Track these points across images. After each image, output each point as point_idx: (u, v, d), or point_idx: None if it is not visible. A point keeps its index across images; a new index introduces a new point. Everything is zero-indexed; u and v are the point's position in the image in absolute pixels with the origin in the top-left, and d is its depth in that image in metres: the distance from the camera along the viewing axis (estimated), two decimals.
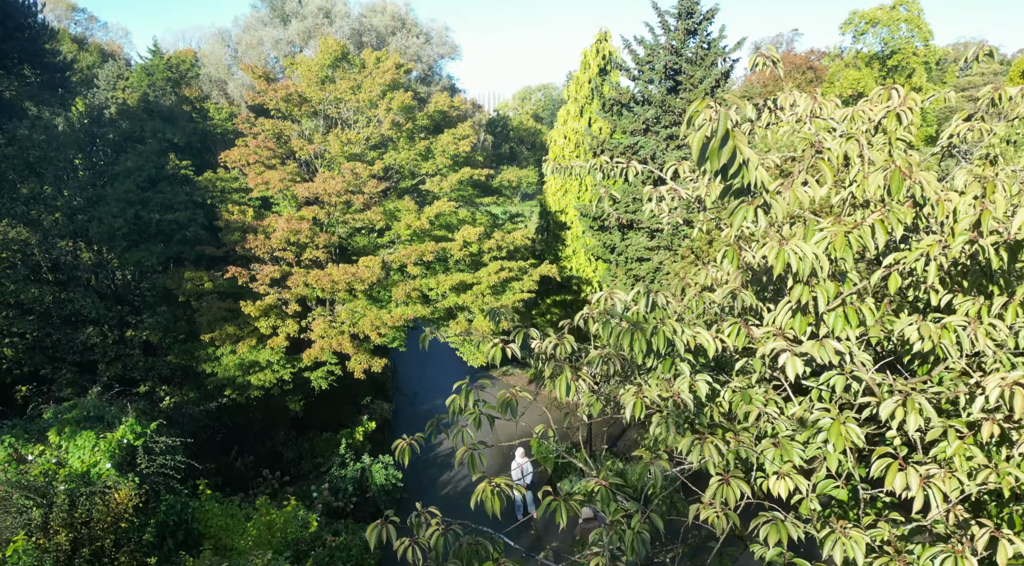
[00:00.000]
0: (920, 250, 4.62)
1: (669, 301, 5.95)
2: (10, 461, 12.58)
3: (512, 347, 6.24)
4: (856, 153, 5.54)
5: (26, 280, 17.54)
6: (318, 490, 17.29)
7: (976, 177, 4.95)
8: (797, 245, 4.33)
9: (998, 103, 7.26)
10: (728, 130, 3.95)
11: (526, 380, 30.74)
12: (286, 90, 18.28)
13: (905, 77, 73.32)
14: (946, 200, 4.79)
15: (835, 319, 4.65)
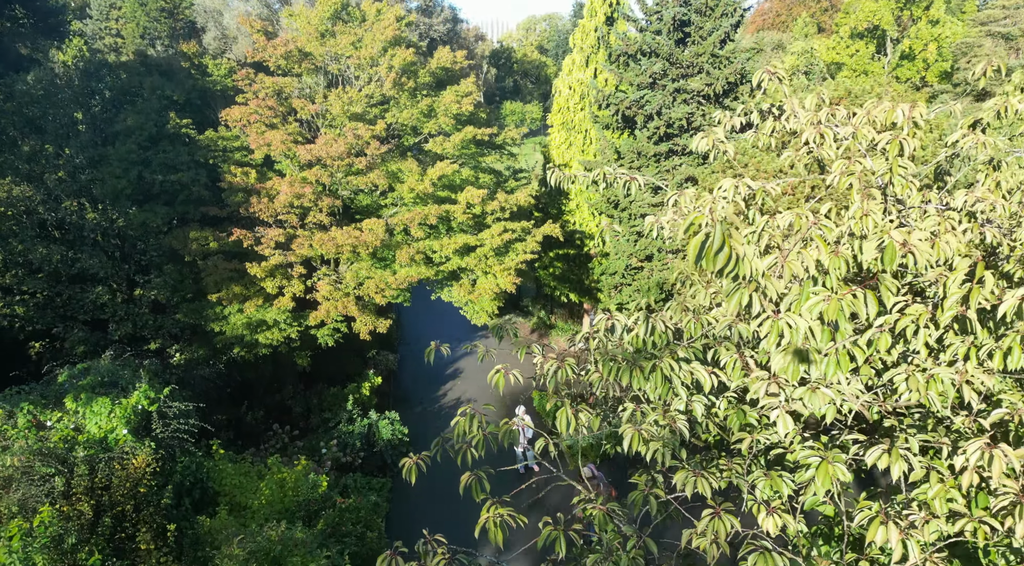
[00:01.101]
0: (910, 316, 4.77)
1: (668, 326, 6.12)
2: (30, 427, 13.03)
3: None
4: (857, 190, 5.61)
5: (33, 239, 17.67)
6: (327, 446, 17.89)
7: (972, 247, 5.02)
8: (790, 318, 4.48)
9: (1003, 116, 7.25)
10: (724, 239, 4.05)
11: (528, 329, 31.21)
12: (285, 47, 17.93)
13: (923, 9, 70.95)
14: (940, 275, 4.90)
15: (828, 364, 4.84)
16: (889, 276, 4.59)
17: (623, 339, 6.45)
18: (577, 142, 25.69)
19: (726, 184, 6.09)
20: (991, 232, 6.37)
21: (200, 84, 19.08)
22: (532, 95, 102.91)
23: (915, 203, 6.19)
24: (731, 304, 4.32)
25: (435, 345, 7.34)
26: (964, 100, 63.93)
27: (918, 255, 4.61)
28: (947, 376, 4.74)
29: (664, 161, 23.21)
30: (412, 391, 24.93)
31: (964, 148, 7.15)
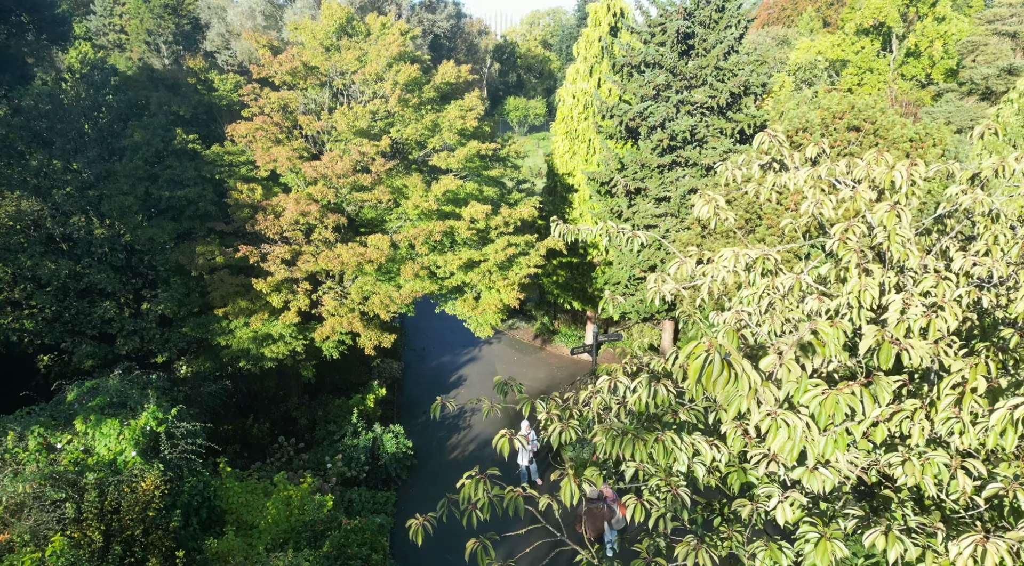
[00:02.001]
0: (906, 412, 4.89)
1: (670, 390, 6.23)
2: (40, 450, 13.23)
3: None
4: (854, 263, 5.72)
5: (41, 254, 17.84)
6: (332, 461, 18.09)
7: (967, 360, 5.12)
8: (788, 416, 4.60)
9: (1001, 175, 7.34)
10: (723, 365, 4.18)
11: (531, 334, 31.36)
12: (291, 63, 18.01)
13: (929, 6, 70.58)
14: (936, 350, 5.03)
15: (826, 443, 4.96)
16: (884, 377, 4.71)
17: (626, 399, 6.57)
18: (581, 152, 25.76)
19: (727, 254, 6.20)
20: (988, 297, 6.48)
21: (206, 99, 19.18)
22: (536, 90, 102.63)
23: (913, 265, 6.29)
24: (731, 411, 4.45)
25: (440, 401, 7.44)
26: (969, 99, 63.67)
27: (913, 354, 4.72)
28: (942, 461, 4.86)
29: (667, 172, 23.27)
30: (416, 399, 25.11)
31: (963, 206, 7.25)
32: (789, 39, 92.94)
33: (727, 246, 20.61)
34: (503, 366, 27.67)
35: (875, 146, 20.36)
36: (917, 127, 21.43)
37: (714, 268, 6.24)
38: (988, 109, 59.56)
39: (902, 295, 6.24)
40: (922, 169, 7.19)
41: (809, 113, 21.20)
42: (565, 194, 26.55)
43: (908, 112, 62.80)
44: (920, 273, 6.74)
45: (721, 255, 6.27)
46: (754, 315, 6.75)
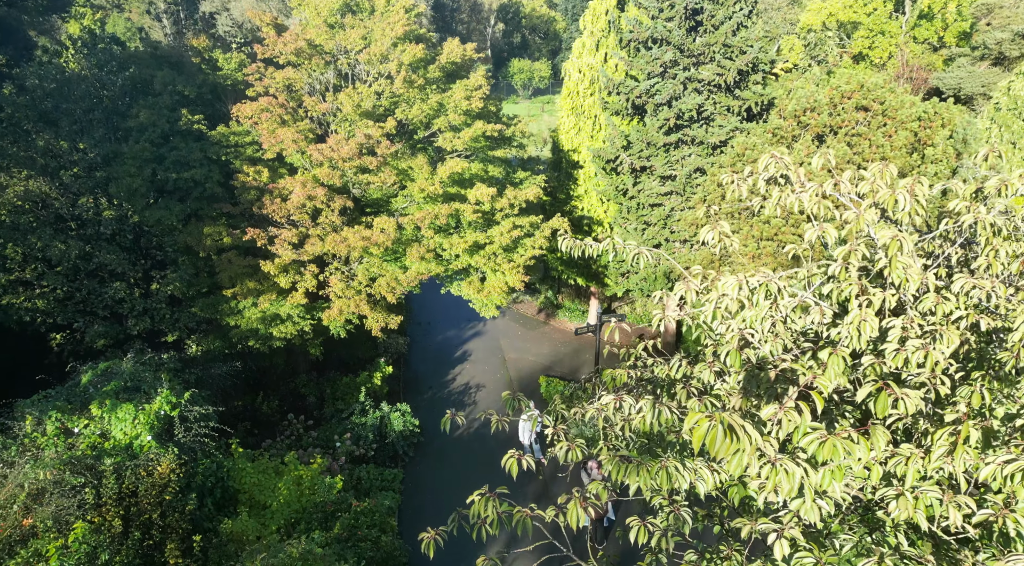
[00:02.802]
0: (901, 457, 5.09)
1: (674, 412, 6.42)
2: (58, 434, 13.59)
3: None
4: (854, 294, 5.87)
5: (51, 236, 18.00)
6: (340, 440, 18.50)
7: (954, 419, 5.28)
8: (787, 464, 4.79)
9: (1004, 194, 7.41)
10: (726, 432, 4.35)
11: (536, 308, 31.61)
12: (295, 44, 17.87)
13: None
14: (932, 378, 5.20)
15: (823, 476, 5.18)
16: (880, 427, 4.89)
17: (631, 417, 6.77)
18: (586, 128, 25.62)
19: (730, 282, 6.34)
20: (986, 321, 6.63)
21: (211, 79, 19.09)
22: (540, 52, 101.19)
23: (913, 290, 6.42)
24: (732, 465, 4.66)
25: (451, 414, 7.64)
26: (982, 64, 62.66)
27: (908, 403, 4.90)
28: (935, 496, 5.08)
29: (673, 151, 23.19)
30: (422, 374, 25.48)
31: (965, 224, 7.34)
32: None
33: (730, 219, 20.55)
34: (507, 341, 27.98)
35: (883, 127, 20.26)
36: (926, 105, 21.24)
37: (717, 296, 6.38)
38: (1000, 75, 58.67)
39: (901, 320, 6.40)
40: (924, 188, 7.27)
41: (817, 93, 21.02)
42: (570, 170, 26.49)
43: (919, 77, 61.89)
44: (921, 292, 6.89)
45: (724, 283, 6.40)
46: (757, 333, 6.92)
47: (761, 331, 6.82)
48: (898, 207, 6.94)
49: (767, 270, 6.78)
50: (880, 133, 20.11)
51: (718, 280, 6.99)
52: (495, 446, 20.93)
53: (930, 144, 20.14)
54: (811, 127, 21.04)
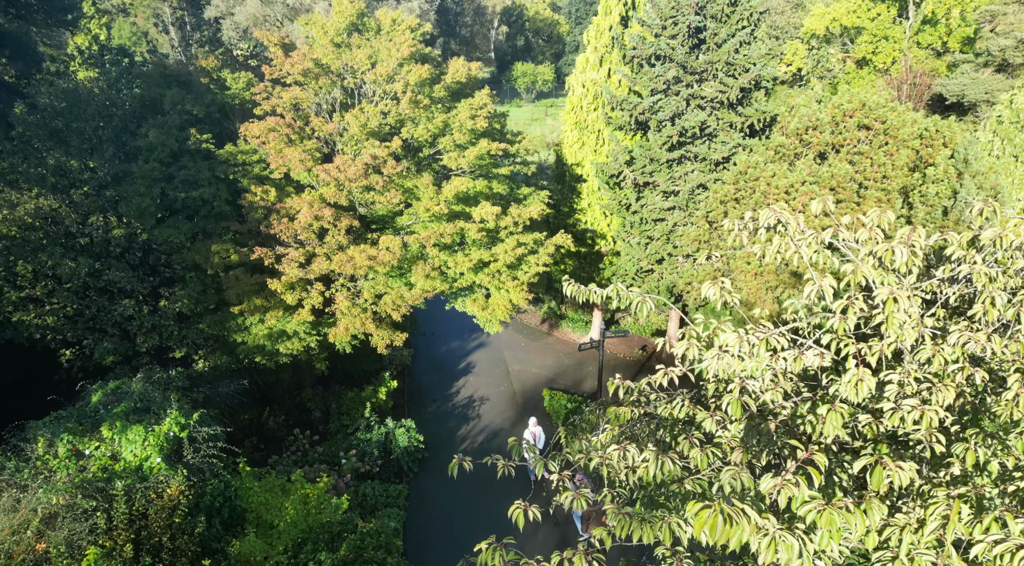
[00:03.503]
0: (895, 527, 5.27)
1: (676, 463, 6.60)
2: (70, 456, 13.82)
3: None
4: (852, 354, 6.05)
5: (62, 254, 18.22)
6: (346, 456, 18.70)
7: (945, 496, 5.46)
8: (786, 535, 4.97)
9: (999, 245, 7.57)
10: (727, 518, 4.54)
11: (539, 318, 31.80)
12: (303, 65, 18.06)
13: None
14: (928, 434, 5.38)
15: (821, 537, 5.36)
16: (876, 500, 5.07)
17: (634, 465, 6.95)
18: (590, 142, 25.80)
19: (731, 338, 6.52)
20: (981, 374, 6.80)
21: (219, 99, 19.30)
22: (544, 55, 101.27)
23: (909, 345, 6.59)
24: (732, 541, 4.83)
25: (458, 460, 7.81)
26: (985, 71, 62.69)
27: (903, 475, 5.08)
28: (928, 560, 5.25)
29: (676, 167, 23.36)
30: (426, 386, 25.68)
31: (962, 274, 7.52)
32: (804, 3, 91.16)
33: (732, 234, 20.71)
34: (511, 353, 28.17)
35: (884, 145, 20.40)
36: (927, 123, 21.37)
37: (719, 352, 6.57)
38: (1003, 82, 58.71)
39: (898, 374, 6.58)
40: (921, 240, 7.43)
41: (819, 111, 21.17)
42: (574, 184, 26.67)
43: (923, 83, 61.95)
44: (918, 342, 7.06)
45: (727, 339, 6.59)
46: (758, 382, 7.10)
47: (762, 379, 7.00)
48: (896, 260, 7.10)
49: (767, 323, 6.97)
50: (882, 152, 20.25)
51: (720, 330, 7.18)
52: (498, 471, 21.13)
53: (931, 162, 20.28)
54: (813, 145, 21.19)
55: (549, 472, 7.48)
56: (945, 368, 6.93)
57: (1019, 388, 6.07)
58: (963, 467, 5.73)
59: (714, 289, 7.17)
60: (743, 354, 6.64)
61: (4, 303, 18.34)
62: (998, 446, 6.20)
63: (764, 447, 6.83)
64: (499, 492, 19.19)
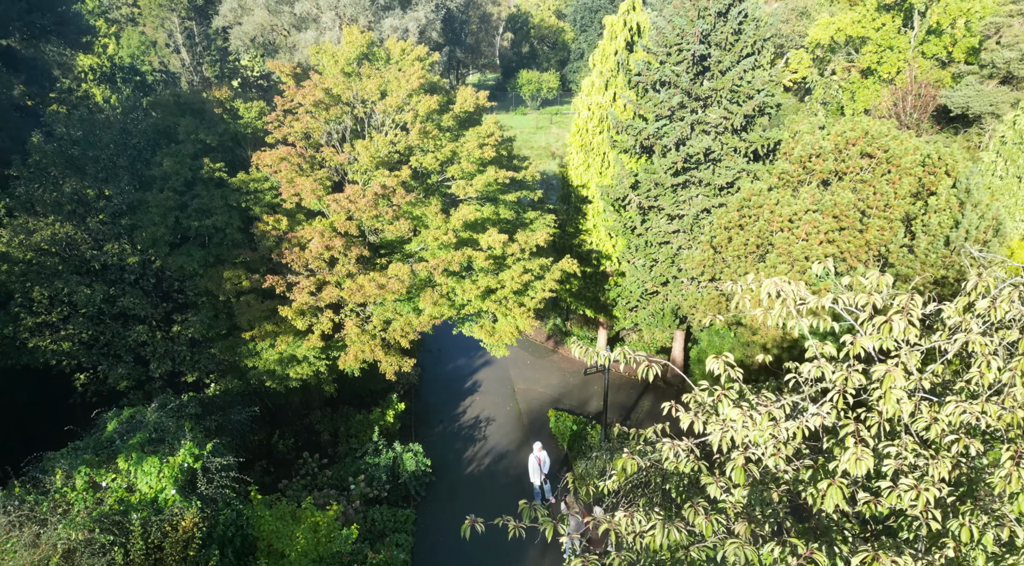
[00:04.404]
0: None
1: (682, 531, 6.87)
2: (87, 488, 14.13)
3: None
4: (850, 432, 6.32)
5: (78, 282, 18.56)
6: (355, 482, 19.00)
7: None
8: None
9: (992, 314, 7.82)
10: None
11: (544, 334, 32.07)
12: (314, 96, 18.37)
13: None
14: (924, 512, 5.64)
15: None
16: None
17: (642, 531, 7.22)
18: (595, 164, 26.07)
19: (734, 414, 6.79)
20: (976, 445, 7.05)
21: (232, 128, 19.64)
22: (549, 62, 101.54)
23: (906, 420, 6.85)
24: None
25: (470, 521, 8.05)
26: (990, 83, 62.79)
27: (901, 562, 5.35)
28: None
29: (681, 191, 23.61)
30: (433, 406, 25.97)
31: (958, 342, 7.77)
32: (809, 11, 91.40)
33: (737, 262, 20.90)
34: (516, 371, 28.45)
35: (887, 174, 20.63)
36: (930, 149, 21.59)
37: (723, 426, 6.84)
38: (1008, 95, 58.82)
39: (896, 448, 6.84)
40: (918, 310, 7.69)
41: (822, 139, 21.41)
42: (579, 205, 26.94)
43: (927, 94, 62.01)
44: (916, 414, 7.32)
45: (730, 417, 6.85)
46: (761, 447, 7.36)
47: (764, 445, 7.27)
48: (894, 330, 7.36)
49: (768, 393, 7.23)
50: (884, 180, 20.48)
51: (722, 398, 7.44)
52: (507, 483, 21.44)
53: (933, 191, 20.50)
54: (816, 173, 21.44)
55: (559, 534, 7.74)
56: (942, 436, 7.19)
57: (1011, 466, 6.33)
58: (957, 547, 5.97)
59: (718, 363, 7.43)
60: (747, 425, 6.90)
61: (20, 329, 18.68)
62: (992, 522, 6.46)
63: (767, 517, 7.09)
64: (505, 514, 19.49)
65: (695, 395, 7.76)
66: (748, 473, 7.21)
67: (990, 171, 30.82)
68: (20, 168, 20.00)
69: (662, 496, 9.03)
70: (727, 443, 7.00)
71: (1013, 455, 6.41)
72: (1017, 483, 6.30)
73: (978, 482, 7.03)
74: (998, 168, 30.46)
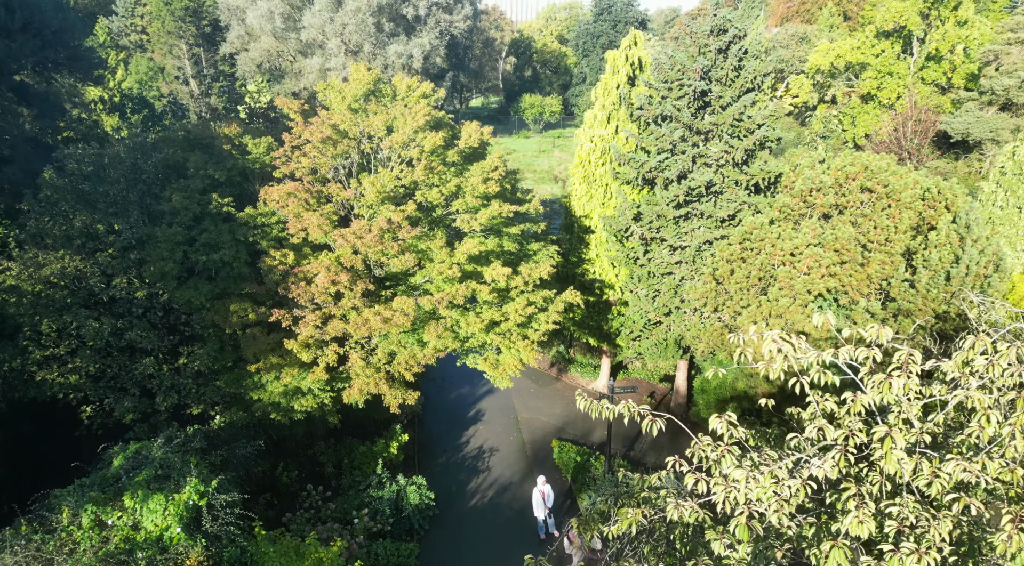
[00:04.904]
0: None
1: None
2: (93, 527, 14.20)
3: None
4: (852, 495, 6.43)
5: (86, 316, 18.73)
6: (358, 516, 19.02)
7: None
8: None
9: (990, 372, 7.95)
10: None
11: (547, 362, 32.13)
12: (321, 134, 18.66)
13: (951, 9, 69.64)
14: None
15: None
16: None
17: None
18: (598, 195, 26.32)
19: (738, 475, 6.91)
20: (976, 505, 7.15)
21: (240, 164, 19.93)
22: (552, 86, 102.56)
23: (907, 479, 6.97)
24: None
25: None
26: (990, 109, 63.27)
27: None
28: None
29: (683, 223, 23.83)
30: (437, 435, 26.00)
31: (956, 400, 7.89)
32: (809, 36, 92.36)
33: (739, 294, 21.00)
34: (520, 399, 28.50)
35: (887, 208, 20.83)
36: (929, 183, 21.77)
37: (727, 487, 6.95)
38: (1008, 121, 59.23)
39: (897, 509, 6.94)
40: (917, 365, 7.82)
41: (823, 173, 21.66)
42: (582, 235, 27.17)
43: (927, 120, 62.34)
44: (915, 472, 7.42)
45: (734, 478, 6.97)
46: (763, 503, 7.46)
47: (767, 502, 7.37)
48: (893, 388, 7.48)
49: (771, 453, 7.35)
50: (884, 215, 20.68)
51: (725, 454, 7.56)
52: (510, 515, 21.43)
53: (934, 225, 20.69)
54: (817, 207, 21.65)
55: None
56: (943, 494, 7.29)
57: (1012, 529, 6.43)
58: None
59: (720, 422, 7.55)
60: (750, 486, 7.02)
61: (28, 362, 18.85)
62: None
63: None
64: (510, 548, 19.50)
65: (698, 448, 7.88)
66: (752, 529, 7.30)
67: (991, 201, 31.03)
68: (31, 202, 20.29)
69: (666, 545, 9.11)
70: (731, 503, 7.11)
71: (1013, 517, 6.51)
72: (1017, 545, 6.40)
73: (980, 541, 7.12)
74: (998, 198, 30.67)
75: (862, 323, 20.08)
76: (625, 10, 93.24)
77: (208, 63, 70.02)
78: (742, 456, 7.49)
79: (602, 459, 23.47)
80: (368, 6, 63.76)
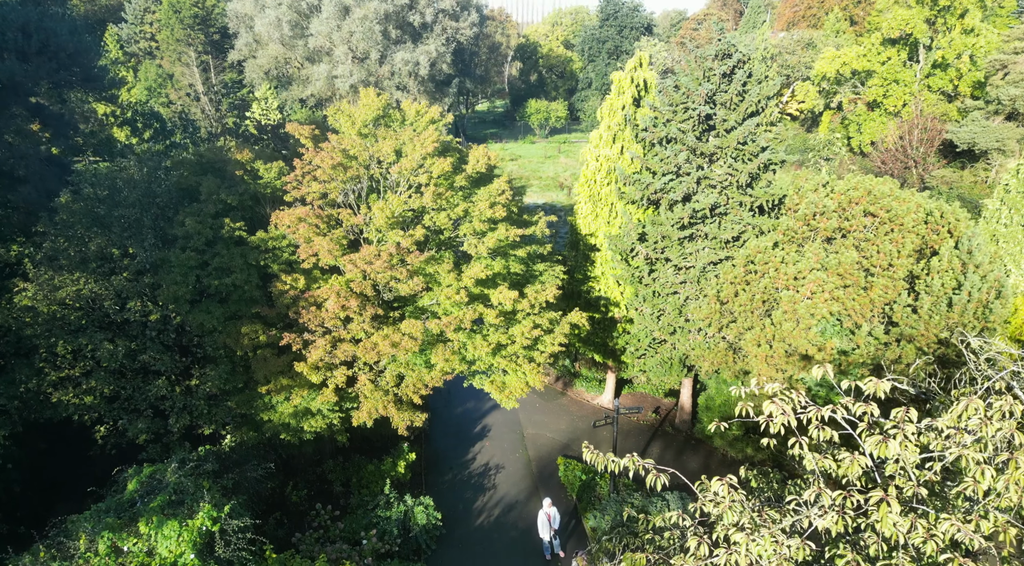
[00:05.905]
0: None
1: None
2: (109, 553, 14.55)
3: None
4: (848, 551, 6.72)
5: (101, 339, 19.10)
6: (367, 536, 19.34)
7: None
8: None
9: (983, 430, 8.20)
10: None
11: (553, 376, 32.41)
12: (331, 160, 18.99)
13: (957, 17, 69.63)
14: None
15: None
16: None
17: None
18: (603, 215, 26.59)
19: (739, 537, 7.20)
20: None
21: (252, 188, 20.27)
22: (557, 91, 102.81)
23: (902, 540, 7.24)
24: None
25: None
26: (996, 118, 63.26)
27: None
28: None
29: (688, 243, 24.08)
30: (443, 452, 26.32)
31: (951, 458, 8.15)
32: (815, 42, 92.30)
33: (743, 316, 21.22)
34: (526, 415, 28.79)
35: (890, 233, 21.06)
36: (932, 207, 21.96)
37: (730, 550, 7.24)
38: (1014, 130, 59.20)
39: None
40: (912, 426, 8.08)
41: (826, 198, 21.90)
42: (588, 253, 27.45)
43: (933, 128, 62.30)
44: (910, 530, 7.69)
45: (736, 542, 7.25)
46: (765, 560, 7.75)
47: (768, 560, 7.65)
48: (890, 450, 7.75)
49: (772, 514, 7.63)
50: (887, 239, 20.92)
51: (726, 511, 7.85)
52: (516, 535, 21.72)
53: (936, 249, 20.90)
54: (820, 230, 21.90)
55: None
56: (938, 552, 7.55)
57: None
58: None
59: (722, 486, 7.83)
60: (750, 549, 7.30)
61: (44, 383, 19.23)
62: None
63: None
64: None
65: (701, 503, 8.16)
66: None
67: (994, 219, 31.18)
68: (47, 224, 20.68)
69: None
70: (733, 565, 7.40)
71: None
72: None
73: None
74: (1002, 216, 30.81)
75: (864, 347, 20.31)
76: (631, 15, 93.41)
77: (216, 70, 70.56)
78: (742, 512, 7.77)
79: (607, 478, 23.74)
80: (375, 14, 64.16)
